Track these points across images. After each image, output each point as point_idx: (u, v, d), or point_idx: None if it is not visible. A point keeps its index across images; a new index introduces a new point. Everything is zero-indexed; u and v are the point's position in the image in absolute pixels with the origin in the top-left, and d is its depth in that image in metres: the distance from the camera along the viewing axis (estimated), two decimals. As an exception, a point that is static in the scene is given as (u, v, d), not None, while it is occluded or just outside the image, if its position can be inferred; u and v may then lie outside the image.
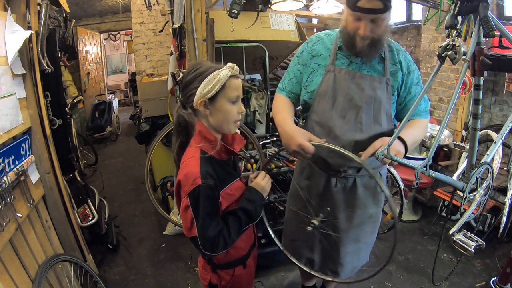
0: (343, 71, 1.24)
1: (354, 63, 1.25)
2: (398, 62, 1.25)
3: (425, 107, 1.30)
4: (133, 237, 2.71)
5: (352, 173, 1.31)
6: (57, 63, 2.11)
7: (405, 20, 3.68)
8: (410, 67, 1.26)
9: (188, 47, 1.94)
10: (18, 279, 1.37)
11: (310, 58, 1.32)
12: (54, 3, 2.10)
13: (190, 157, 0.99)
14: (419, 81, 1.29)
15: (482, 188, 1.36)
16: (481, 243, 1.23)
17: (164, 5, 2.85)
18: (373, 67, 1.24)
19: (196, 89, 0.96)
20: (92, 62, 6.61)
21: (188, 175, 0.95)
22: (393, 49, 1.26)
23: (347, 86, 1.23)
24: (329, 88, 1.25)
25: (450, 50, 1.03)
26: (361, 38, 1.15)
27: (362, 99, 1.22)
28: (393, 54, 1.25)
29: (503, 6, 2.62)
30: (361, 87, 1.22)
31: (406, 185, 2.44)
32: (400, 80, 1.25)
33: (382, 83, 1.22)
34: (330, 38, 1.32)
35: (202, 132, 1.01)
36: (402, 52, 1.27)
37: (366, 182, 1.33)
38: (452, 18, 1.06)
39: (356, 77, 1.23)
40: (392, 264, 2.26)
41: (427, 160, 1.11)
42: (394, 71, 1.24)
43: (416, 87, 1.27)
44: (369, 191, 1.34)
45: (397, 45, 1.29)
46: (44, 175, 1.77)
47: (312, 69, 1.31)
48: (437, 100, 3.16)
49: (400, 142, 1.14)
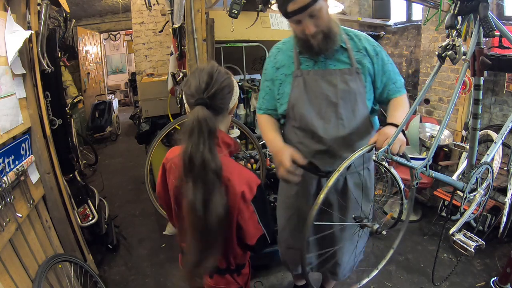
0: (311, 73, 1.24)
1: (319, 62, 1.24)
2: (363, 48, 1.24)
3: (402, 82, 1.30)
4: (133, 237, 2.71)
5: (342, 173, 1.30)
6: (57, 63, 2.12)
7: (405, 20, 3.68)
8: (376, 49, 1.25)
9: (188, 47, 1.94)
10: (18, 279, 1.37)
11: (275, 71, 1.33)
12: (54, 3, 2.10)
13: (234, 166, 0.97)
14: (389, 59, 1.29)
15: (482, 188, 1.36)
16: (481, 243, 1.23)
17: (164, 5, 2.84)
18: (338, 60, 1.24)
19: (233, 90, 0.98)
20: (92, 62, 6.61)
21: (250, 181, 0.94)
22: (353, 37, 1.26)
23: (319, 85, 1.23)
24: (301, 93, 1.25)
25: (450, 50, 1.03)
26: (312, 37, 1.15)
27: (337, 95, 1.22)
28: (354, 42, 1.25)
29: (503, 6, 2.62)
30: (333, 84, 1.22)
31: (406, 185, 2.44)
32: (370, 64, 1.24)
33: (353, 73, 1.22)
34: (289, 45, 1.32)
35: (224, 138, 0.97)
36: (363, 37, 1.27)
37: (356, 179, 1.34)
38: (452, 18, 1.06)
39: (326, 75, 1.23)
40: (392, 264, 2.26)
41: (427, 160, 1.11)
42: (360, 58, 1.24)
43: (388, 65, 1.26)
44: (359, 188, 1.35)
45: (355, 32, 1.29)
46: (44, 175, 1.77)
47: (280, 81, 1.31)
48: (437, 100, 3.16)
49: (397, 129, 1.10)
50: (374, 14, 3.95)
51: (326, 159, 1.27)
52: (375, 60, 1.24)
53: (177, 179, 0.94)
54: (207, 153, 0.83)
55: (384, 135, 1.05)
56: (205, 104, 0.89)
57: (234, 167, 0.95)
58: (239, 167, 0.98)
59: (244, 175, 0.94)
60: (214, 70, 0.94)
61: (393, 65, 1.29)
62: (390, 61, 1.28)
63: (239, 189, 0.90)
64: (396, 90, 1.27)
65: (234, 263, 1.06)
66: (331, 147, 1.25)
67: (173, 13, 2.19)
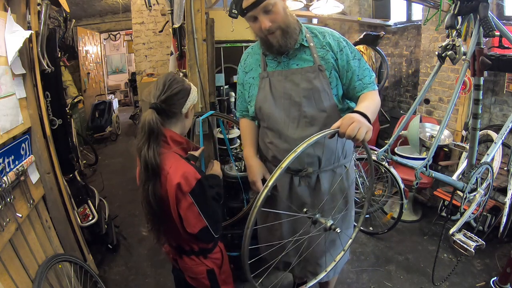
0: (275, 73, 1.26)
1: (282, 62, 1.26)
2: (326, 44, 1.23)
3: (371, 78, 1.26)
4: (133, 237, 2.71)
5: (315, 170, 1.29)
6: (57, 63, 2.11)
7: (405, 20, 3.69)
8: (340, 44, 1.24)
9: (188, 47, 1.94)
10: (18, 279, 1.37)
11: (244, 75, 1.37)
12: (54, 3, 2.10)
13: (174, 161, 1.07)
14: (356, 54, 1.25)
15: (482, 188, 1.36)
16: (481, 243, 1.23)
17: (164, 5, 2.84)
18: (301, 59, 1.24)
19: (187, 96, 1.13)
20: (92, 62, 6.61)
21: (186, 174, 1.03)
22: (317, 34, 1.25)
23: (283, 85, 1.25)
24: (267, 93, 1.28)
25: (450, 50, 1.03)
26: (270, 33, 1.15)
27: (300, 94, 1.22)
28: (318, 39, 1.25)
29: (503, 6, 2.62)
30: (295, 83, 1.23)
31: (406, 185, 2.44)
32: (333, 60, 1.23)
33: (315, 71, 1.22)
34: (256, 49, 1.35)
35: (174, 137, 1.12)
36: (328, 33, 1.26)
37: (329, 176, 1.32)
38: (452, 18, 1.06)
39: (288, 75, 1.24)
40: (392, 264, 2.26)
41: (427, 160, 1.11)
42: (323, 55, 1.23)
43: (353, 61, 1.24)
44: (334, 184, 1.32)
45: (320, 29, 1.28)
46: (44, 175, 1.77)
47: (249, 84, 1.36)
48: (437, 100, 3.16)
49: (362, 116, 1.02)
50: (374, 14, 3.96)
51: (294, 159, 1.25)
52: (339, 56, 1.22)
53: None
54: (146, 149, 1.02)
55: (349, 119, 0.96)
56: (156, 108, 1.05)
57: (175, 162, 1.06)
58: (180, 163, 1.07)
59: (181, 169, 1.04)
60: (168, 79, 1.11)
61: (361, 60, 1.26)
62: (357, 56, 1.25)
63: (175, 181, 1.02)
64: (363, 86, 1.24)
65: (197, 247, 1.20)
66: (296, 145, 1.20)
67: (173, 13, 2.19)
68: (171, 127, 1.13)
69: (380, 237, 2.57)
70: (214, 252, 1.25)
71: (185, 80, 1.17)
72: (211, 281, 1.24)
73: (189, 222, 1.06)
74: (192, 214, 1.05)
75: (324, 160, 1.28)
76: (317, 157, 1.26)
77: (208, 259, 1.23)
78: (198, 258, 1.22)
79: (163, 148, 1.08)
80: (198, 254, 1.21)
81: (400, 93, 3.80)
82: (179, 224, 1.10)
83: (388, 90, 3.95)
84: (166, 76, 1.13)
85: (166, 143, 1.10)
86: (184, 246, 1.20)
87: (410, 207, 2.84)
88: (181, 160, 1.09)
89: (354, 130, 0.93)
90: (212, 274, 1.23)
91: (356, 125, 0.93)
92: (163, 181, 1.05)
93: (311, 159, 1.26)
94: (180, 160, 1.08)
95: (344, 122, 0.95)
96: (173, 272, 1.41)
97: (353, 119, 0.95)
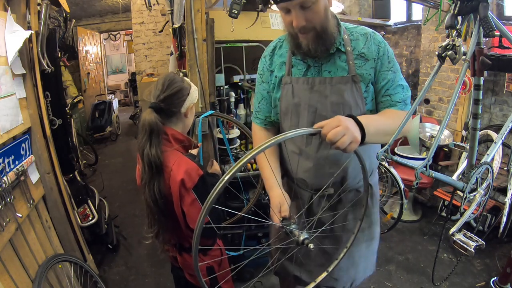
0: (301, 81, 1.08)
1: (313, 67, 1.08)
2: (367, 51, 1.06)
3: (403, 96, 1.08)
4: (133, 237, 2.71)
5: (336, 190, 1.14)
6: (57, 63, 2.12)
7: (405, 20, 3.69)
8: (380, 51, 1.06)
9: (188, 47, 1.94)
10: (18, 279, 1.37)
11: (270, 75, 1.17)
12: (54, 3, 2.10)
13: (177, 158, 1.08)
14: (393, 66, 1.08)
15: (482, 188, 1.35)
16: (481, 243, 1.23)
17: (164, 5, 2.84)
18: (335, 65, 1.06)
19: (186, 95, 1.13)
20: (92, 62, 6.61)
21: (189, 170, 1.05)
22: (358, 37, 1.07)
23: (308, 97, 1.07)
24: (289, 104, 1.11)
25: (450, 50, 1.03)
26: (303, 33, 0.98)
27: (327, 108, 1.06)
28: (357, 43, 1.06)
29: (503, 6, 2.62)
30: (324, 95, 1.05)
31: (406, 185, 2.44)
32: (372, 70, 1.06)
33: (348, 82, 1.04)
34: (285, 43, 1.13)
35: (175, 135, 1.13)
36: (370, 35, 1.07)
37: (351, 197, 1.19)
38: (452, 18, 1.06)
39: (316, 84, 1.06)
40: (392, 264, 2.26)
41: (427, 160, 1.10)
42: (360, 64, 1.05)
43: (388, 72, 1.07)
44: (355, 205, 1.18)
45: (361, 30, 1.09)
46: (44, 175, 1.77)
47: (274, 85, 1.16)
48: (437, 100, 3.16)
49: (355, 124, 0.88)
50: (374, 14, 3.96)
51: (313, 175, 1.13)
52: (377, 65, 1.07)
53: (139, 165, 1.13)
54: (148, 147, 1.04)
55: (336, 121, 0.83)
56: (155, 108, 1.08)
57: (178, 159, 1.07)
58: (182, 160, 1.08)
59: (184, 165, 1.06)
60: (167, 79, 1.12)
61: (397, 74, 1.08)
62: (394, 69, 1.08)
63: (179, 177, 1.03)
64: (391, 104, 1.07)
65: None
66: (319, 164, 1.12)
67: (173, 13, 2.18)
68: (172, 126, 1.14)
69: (380, 237, 2.56)
70: (213, 250, 1.27)
71: (185, 80, 1.18)
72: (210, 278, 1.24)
73: (192, 218, 1.07)
74: (195, 210, 1.06)
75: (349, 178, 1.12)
76: (341, 176, 1.12)
77: (208, 256, 1.24)
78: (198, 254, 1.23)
79: (165, 146, 1.10)
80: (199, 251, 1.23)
81: (400, 93, 3.80)
82: (182, 221, 1.11)
83: (388, 90, 3.94)
84: (166, 76, 1.15)
85: (168, 141, 1.11)
86: (185, 243, 1.22)
87: (410, 207, 2.84)
88: (183, 157, 1.10)
89: (336, 136, 0.81)
90: (211, 271, 1.24)
91: (341, 131, 0.81)
92: (166, 178, 1.06)
93: (334, 179, 1.07)
94: (182, 157, 1.10)
95: (330, 123, 0.83)
96: (172, 271, 1.41)
97: (340, 122, 0.83)
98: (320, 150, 1.10)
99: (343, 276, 1.33)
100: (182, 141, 1.16)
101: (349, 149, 0.83)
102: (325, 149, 1.09)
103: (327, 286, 1.33)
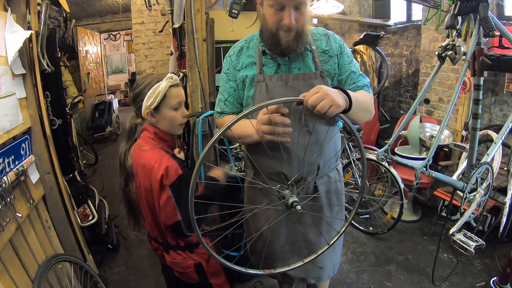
0: (274, 78, 1.14)
1: (283, 65, 1.15)
2: (329, 49, 1.16)
3: (366, 82, 1.21)
4: (133, 237, 2.71)
5: (312, 179, 1.21)
6: (57, 63, 2.12)
7: (405, 20, 3.69)
8: (341, 48, 1.18)
9: (188, 47, 1.94)
10: (18, 279, 1.37)
11: (237, 73, 1.21)
12: (54, 3, 2.10)
13: (159, 156, 1.09)
14: (352, 60, 1.20)
15: (482, 188, 1.36)
16: (481, 243, 1.23)
17: (164, 5, 2.85)
18: (304, 63, 1.15)
19: (142, 101, 1.14)
20: (92, 62, 6.61)
21: (169, 167, 1.07)
22: (320, 38, 1.18)
23: (283, 93, 1.13)
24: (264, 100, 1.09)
25: (450, 50, 1.03)
26: (286, 31, 1.05)
27: None
28: (320, 42, 1.17)
29: (503, 6, 2.62)
30: (297, 90, 1.12)
31: (406, 185, 2.44)
32: (336, 66, 1.17)
33: (317, 78, 1.13)
34: (252, 44, 1.21)
35: (158, 134, 1.16)
36: (332, 35, 1.19)
37: (326, 183, 1.26)
38: (452, 18, 1.06)
39: (290, 80, 1.14)
40: (392, 264, 2.26)
41: (427, 160, 1.11)
42: (325, 60, 1.16)
43: (350, 65, 1.18)
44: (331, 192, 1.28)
45: (323, 30, 1.21)
46: (44, 175, 1.77)
47: (243, 84, 1.20)
48: (437, 100, 3.16)
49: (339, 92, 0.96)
50: (374, 14, 3.96)
51: (293, 167, 1.17)
52: (340, 60, 1.18)
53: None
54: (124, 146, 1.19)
55: (316, 88, 0.90)
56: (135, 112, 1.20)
57: (159, 157, 1.09)
58: (164, 158, 1.10)
59: (164, 163, 1.07)
60: (140, 82, 1.17)
61: (356, 66, 1.21)
62: (353, 62, 1.21)
63: (159, 174, 1.05)
64: (359, 88, 1.19)
65: (183, 242, 1.22)
66: (298, 155, 1.16)
67: (173, 13, 2.19)
68: (156, 125, 1.17)
69: (380, 237, 2.57)
70: (200, 247, 1.27)
71: (153, 80, 1.14)
72: (199, 274, 1.26)
73: (165, 213, 1.09)
74: (169, 207, 1.07)
75: (322, 166, 1.21)
76: (317, 165, 1.20)
77: (195, 253, 1.25)
78: (185, 253, 1.24)
79: (149, 144, 1.13)
80: (184, 249, 1.24)
81: (400, 93, 3.80)
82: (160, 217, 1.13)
83: (388, 90, 3.95)
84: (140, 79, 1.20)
85: (152, 140, 1.15)
86: (171, 241, 1.23)
87: (410, 207, 2.84)
88: (165, 155, 1.12)
89: (316, 101, 0.87)
90: (199, 268, 1.25)
91: (320, 95, 0.88)
92: (148, 176, 1.08)
93: (311, 168, 1.18)
94: (164, 155, 1.11)
95: (310, 91, 0.90)
96: (163, 272, 1.41)
97: (320, 89, 0.89)
98: (298, 141, 1.13)
99: (327, 263, 1.37)
100: (166, 140, 1.19)
101: (330, 112, 0.90)
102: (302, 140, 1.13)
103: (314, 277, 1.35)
